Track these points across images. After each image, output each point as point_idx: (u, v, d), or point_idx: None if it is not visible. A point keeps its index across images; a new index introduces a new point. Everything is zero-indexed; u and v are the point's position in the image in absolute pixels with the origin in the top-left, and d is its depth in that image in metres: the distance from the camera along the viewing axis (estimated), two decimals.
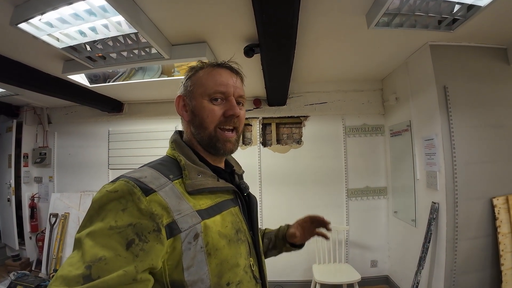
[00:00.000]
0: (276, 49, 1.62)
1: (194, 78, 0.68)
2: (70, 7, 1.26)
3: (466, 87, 1.98)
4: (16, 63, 1.97)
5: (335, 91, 3.01)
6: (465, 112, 1.96)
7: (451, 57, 2.01)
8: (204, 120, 0.65)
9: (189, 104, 0.67)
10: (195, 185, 0.58)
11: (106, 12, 1.33)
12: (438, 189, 1.99)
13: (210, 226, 0.56)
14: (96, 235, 0.45)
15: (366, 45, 2.05)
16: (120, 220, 0.46)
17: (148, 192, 0.50)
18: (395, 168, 2.73)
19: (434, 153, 2.03)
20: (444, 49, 2.01)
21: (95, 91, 2.72)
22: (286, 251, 0.94)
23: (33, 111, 3.42)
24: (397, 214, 2.67)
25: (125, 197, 0.48)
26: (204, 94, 0.65)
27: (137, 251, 0.45)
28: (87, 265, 0.41)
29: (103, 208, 0.48)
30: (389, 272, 2.84)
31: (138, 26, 1.41)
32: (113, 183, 0.51)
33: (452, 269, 1.87)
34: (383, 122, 2.97)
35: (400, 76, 2.56)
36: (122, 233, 0.45)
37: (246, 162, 3.04)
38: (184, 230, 0.52)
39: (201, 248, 0.53)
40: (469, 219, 1.90)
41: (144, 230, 0.47)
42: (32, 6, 1.27)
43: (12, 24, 1.30)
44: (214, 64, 0.69)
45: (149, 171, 0.56)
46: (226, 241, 0.58)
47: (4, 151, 3.40)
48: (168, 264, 0.51)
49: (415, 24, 1.69)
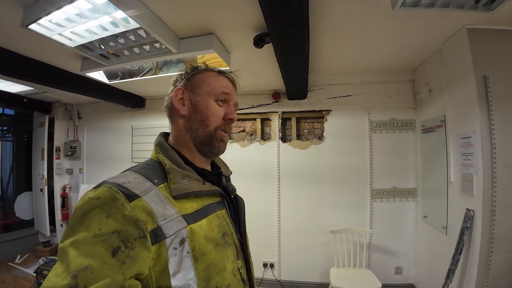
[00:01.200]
0: (287, 37, 1.49)
1: (201, 76, 0.70)
2: (73, 5, 1.26)
3: (509, 77, 1.69)
4: (38, 63, 2.09)
5: (360, 83, 2.77)
6: (509, 106, 1.68)
7: (492, 43, 1.73)
8: (208, 118, 0.66)
9: (190, 99, 0.67)
10: (180, 189, 0.57)
11: (108, 9, 1.33)
12: (474, 195, 1.75)
13: (196, 230, 0.55)
14: (80, 244, 0.44)
15: (392, 31, 1.82)
16: (105, 227, 0.45)
17: (132, 197, 0.50)
18: (427, 169, 2.46)
19: (472, 153, 1.78)
20: (484, 33, 1.73)
21: (117, 88, 2.81)
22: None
23: (64, 107, 3.67)
24: (427, 219, 2.42)
25: (108, 204, 0.47)
26: (211, 93, 0.67)
27: (123, 258, 0.44)
28: (73, 275, 0.40)
29: (86, 216, 0.46)
30: (414, 281, 2.60)
31: (140, 20, 1.39)
32: (95, 190, 0.50)
33: (484, 284, 1.65)
34: (414, 117, 2.68)
35: (434, 65, 2.27)
36: (107, 240, 0.44)
37: (264, 158, 2.99)
38: (169, 236, 0.51)
39: (187, 253, 0.53)
40: (507, 230, 1.65)
41: (130, 237, 0.46)
42: (39, 7, 1.30)
43: (23, 25, 1.35)
44: (218, 70, 0.73)
45: (132, 175, 0.55)
46: (213, 245, 0.58)
47: (38, 144, 3.68)
48: (154, 271, 0.49)
49: (448, 3, 1.45)
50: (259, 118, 3.08)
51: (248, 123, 3.17)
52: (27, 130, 3.95)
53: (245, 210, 0.76)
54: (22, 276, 3.01)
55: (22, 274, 3.05)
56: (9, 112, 3.93)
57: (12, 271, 3.13)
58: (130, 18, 1.38)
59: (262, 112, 3.05)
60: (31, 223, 3.83)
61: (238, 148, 3.09)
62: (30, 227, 3.81)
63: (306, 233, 2.83)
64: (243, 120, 3.18)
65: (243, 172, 2.97)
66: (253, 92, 3.03)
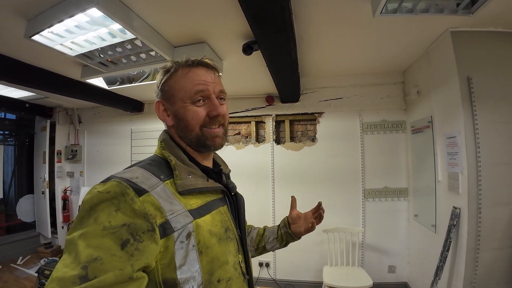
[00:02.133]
0: (273, 44, 1.58)
1: (171, 81, 0.66)
2: (73, 19, 1.34)
3: (493, 78, 1.75)
4: (41, 70, 2.19)
5: (351, 86, 2.85)
6: (492, 106, 1.73)
7: (475, 44, 1.79)
8: (189, 123, 0.64)
9: (170, 109, 0.67)
10: (185, 185, 0.59)
11: (106, 21, 1.41)
12: (460, 193, 1.80)
13: (201, 225, 0.57)
14: (90, 236, 0.45)
15: (377, 36, 1.90)
16: (114, 220, 0.47)
17: (141, 192, 0.51)
18: (417, 168, 2.52)
19: (457, 153, 1.84)
20: (467, 35, 1.79)
21: (116, 93, 2.90)
22: (285, 241, 0.95)
23: (65, 112, 3.77)
24: (418, 218, 2.47)
25: (117, 198, 0.49)
26: (185, 98, 0.64)
27: (132, 251, 0.46)
28: (83, 266, 0.41)
29: (95, 209, 0.47)
30: (408, 279, 2.65)
31: (136, 32, 1.48)
32: (104, 184, 0.51)
33: (472, 281, 1.69)
34: (405, 118, 2.74)
35: (421, 68, 2.34)
36: (116, 233, 0.46)
37: (259, 160, 3.06)
38: (177, 230, 0.53)
39: (193, 247, 0.55)
40: (493, 228, 1.69)
41: (139, 230, 0.48)
42: (40, 20, 1.39)
43: (26, 36, 1.44)
44: (188, 63, 0.67)
45: (139, 171, 0.56)
46: (216, 239, 0.60)
47: (39, 148, 3.79)
48: (160, 264, 0.51)
49: (428, 8, 1.53)
50: (253, 121, 3.15)
51: (243, 126, 3.25)
52: (29, 134, 4.05)
53: (244, 206, 0.79)
54: (24, 277, 3.09)
55: (24, 275, 3.13)
56: (11, 117, 4.02)
57: (14, 272, 3.21)
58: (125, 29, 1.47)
59: (257, 115, 3.13)
60: (32, 226, 3.91)
61: (234, 150, 3.16)
62: (31, 229, 3.89)
63: None
64: (238, 123, 3.26)
65: (239, 173, 3.03)
66: (247, 96, 3.12)
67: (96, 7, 1.18)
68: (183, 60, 0.67)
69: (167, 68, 0.68)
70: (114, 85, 2.49)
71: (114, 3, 1.28)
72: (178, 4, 1.41)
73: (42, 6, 1.37)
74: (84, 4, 1.20)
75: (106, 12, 1.24)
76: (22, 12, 1.40)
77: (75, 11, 1.24)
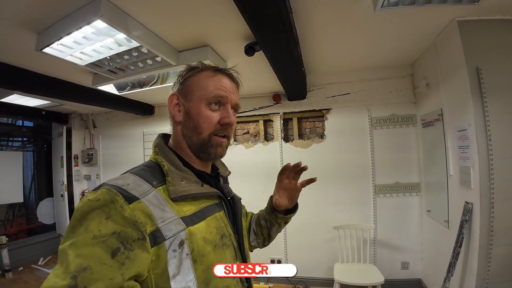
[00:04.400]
0: (274, 45, 1.59)
1: (194, 78, 0.66)
2: (80, 31, 1.41)
3: (503, 67, 1.68)
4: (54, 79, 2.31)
5: (359, 81, 2.81)
6: (503, 97, 1.67)
7: (483, 33, 1.72)
8: (200, 126, 0.64)
9: (184, 105, 0.66)
10: (178, 191, 0.57)
11: (111, 31, 1.47)
12: (472, 187, 1.75)
13: (195, 232, 0.56)
14: (80, 245, 0.44)
15: (381, 29, 1.87)
16: (104, 228, 0.46)
17: (131, 199, 0.50)
18: (428, 162, 2.46)
19: (468, 146, 1.78)
20: (475, 25, 1.73)
21: (127, 97, 3.00)
22: (284, 221, 0.90)
23: (80, 118, 3.94)
24: (430, 214, 2.42)
25: (107, 206, 0.48)
26: (202, 98, 0.64)
27: (122, 259, 0.45)
28: (72, 276, 0.41)
29: (85, 218, 0.47)
30: (421, 276, 2.60)
31: (140, 40, 1.54)
32: (95, 192, 0.50)
33: (485, 278, 1.65)
34: (415, 111, 2.68)
35: (430, 59, 2.27)
36: (106, 241, 0.45)
37: (268, 158, 3.08)
38: (168, 238, 0.51)
39: (186, 255, 0.53)
40: (506, 223, 1.64)
41: (129, 238, 0.47)
42: (50, 33, 1.47)
43: (37, 49, 1.52)
44: (215, 68, 0.68)
45: (131, 178, 0.55)
46: (212, 247, 0.58)
47: (57, 153, 3.99)
48: (154, 273, 0.50)
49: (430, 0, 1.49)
50: (261, 119, 3.18)
51: (252, 125, 3.28)
52: (47, 140, 4.25)
53: (241, 211, 0.76)
54: (45, 277, 3.23)
55: (45, 275, 3.27)
56: (29, 124, 4.22)
57: (35, 272, 3.38)
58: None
59: (264, 114, 3.15)
60: (52, 227, 4.12)
61: (243, 149, 3.20)
62: (52, 231, 4.10)
63: (311, 230, 2.90)
64: (247, 123, 3.29)
65: (248, 172, 3.09)
66: (254, 95, 3.14)
67: (100, 19, 1.23)
68: (211, 64, 0.69)
69: (194, 66, 0.69)
70: (124, 91, 2.58)
71: (117, 14, 1.34)
72: (180, 11, 1.46)
73: (50, 20, 1.44)
74: (90, 16, 1.26)
75: (110, 23, 1.30)
76: (31, 26, 1.49)
77: (82, 24, 1.31)
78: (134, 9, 1.41)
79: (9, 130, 4.06)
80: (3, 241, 3.25)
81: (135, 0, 1.32)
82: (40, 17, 1.41)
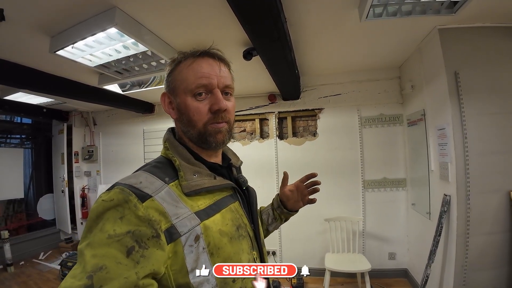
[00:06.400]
0: (270, 50, 1.74)
1: (175, 72, 0.64)
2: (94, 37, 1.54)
3: (479, 71, 1.85)
4: (62, 79, 2.42)
5: (349, 82, 2.98)
6: (479, 98, 1.84)
7: (462, 40, 1.88)
8: (192, 119, 0.62)
9: (174, 102, 0.65)
10: (191, 186, 0.57)
11: (122, 37, 1.60)
12: (449, 181, 1.93)
13: (210, 226, 0.56)
14: (96, 245, 0.45)
15: (368, 37, 2.04)
16: (119, 228, 0.46)
17: (144, 198, 0.50)
18: (413, 159, 2.65)
19: (446, 143, 1.96)
20: (455, 32, 1.89)
21: (129, 96, 3.12)
22: (285, 218, 0.97)
23: (81, 115, 4.04)
24: (415, 207, 2.61)
25: (121, 205, 0.48)
26: (186, 90, 0.61)
27: (137, 258, 0.45)
28: (88, 275, 0.41)
29: (101, 218, 0.47)
30: (408, 266, 2.79)
31: (148, 45, 1.67)
32: (108, 192, 0.51)
33: (463, 265, 1.81)
34: (402, 112, 2.86)
35: (415, 63, 2.45)
36: (121, 241, 0.45)
37: (264, 155, 3.23)
38: (184, 234, 0.52)
39: (203, 249, 0.53)
40: (483, 214, 1.80)
41: (143, 236, 0.47)
42: (65, 37, 1.59)
43: (51, 51, 1.64)
44: (195, 53, 0.64)
45: (143, 175, 0.55)
46: (228, 239, 0.58)
47: (58, 150, 4.08)
48: (172, 269, 0.51)
49: (411, 11, 1.65)
50: (257, 118, 3.33)
51: (248, 123, 3.43)
52: (46, 137, 4.31)
53: (257, 200, 0.76)
54: (47, 270, 3.35)
55: (46, 269, 3.39)
56: (27, 121, 4.29)
57: (36, 266, 3.47)
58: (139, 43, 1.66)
59: (260, 112, 3.31)
60: (52, 223, 4.20)
61: (240, 146, 3.35)
62: (52, 227, 4.18)
63: (304, 223, 3.05)
64: (243, 121, 3.44)
65: (245, 168, 3.13)
66: (250, 95, 3.29)
67: (115, 27, 1.36)
68: (190, 51, 0.65)
69: (173, 58, 0.66)
70: (127, 89, 2.70)
71: (129, 23, 1.47)
72: (185, 19, 1.60)
73: (64, 25, 1.57)
74: (105, 24, 1.39)
75: (123, 31, 1.43)
76: (45, 30, 1.61)
77: (97, 30, 1.44)
78: (144, 18, 1.55)
79: (10, 127, 4.13)
80: (6, 235, 3.34)
81: (146, 10, 1.46)
82: (54, 22, 1.53)
